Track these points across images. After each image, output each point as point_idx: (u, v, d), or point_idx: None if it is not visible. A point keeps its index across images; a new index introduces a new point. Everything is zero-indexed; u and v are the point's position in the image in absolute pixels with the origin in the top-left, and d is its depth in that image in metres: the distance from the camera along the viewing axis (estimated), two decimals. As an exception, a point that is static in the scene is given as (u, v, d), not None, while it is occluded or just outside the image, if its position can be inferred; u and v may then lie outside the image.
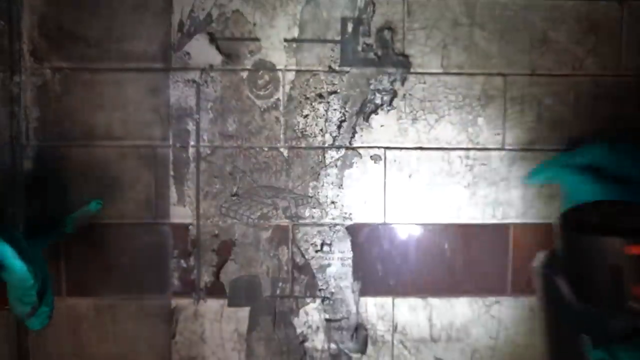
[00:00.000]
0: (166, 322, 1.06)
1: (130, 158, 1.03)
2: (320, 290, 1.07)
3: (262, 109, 1.04)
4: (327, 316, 1.07)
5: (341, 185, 1.05)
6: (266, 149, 1.04)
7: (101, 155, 1.03)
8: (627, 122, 1.07)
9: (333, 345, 1.07)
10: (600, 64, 1.06)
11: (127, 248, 1.04)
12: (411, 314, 1.08)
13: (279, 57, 1.03)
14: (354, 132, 1.05)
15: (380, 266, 1.07)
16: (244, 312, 1.06)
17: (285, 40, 1.03)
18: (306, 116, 1.04)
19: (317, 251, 1.06)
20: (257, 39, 1.03)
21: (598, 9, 1.06)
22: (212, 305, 1.06)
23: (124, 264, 1.04)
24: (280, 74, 1.03)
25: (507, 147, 1.07)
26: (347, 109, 1.05)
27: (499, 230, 1.08)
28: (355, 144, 1.05)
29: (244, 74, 1.03)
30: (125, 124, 1.03)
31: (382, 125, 1.05)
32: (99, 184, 1.03)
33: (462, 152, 1.06)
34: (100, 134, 1.02)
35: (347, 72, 1.04)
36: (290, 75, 1.04)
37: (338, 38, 1.04)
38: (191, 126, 1.03)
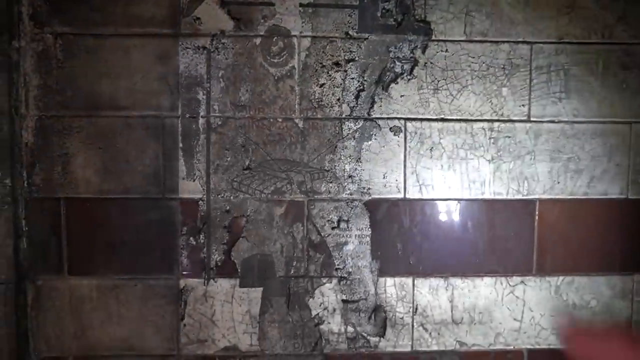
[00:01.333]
0: (174, 304, 1.00)
1: (136, 129, 0.97)
2: (336, 269, 1.01)
3: (276, 78, 0.98)
4: (344, 297, 1.01)
5: (359, 158, 1.00)
6: (280, 120, 0.99)
7: (106, 125, 0.97)
8: (659, 92, 1.02)
9: (350, 328, 1.02)
10: (631, 32, 1.01)
11: (132, 224, 0.98)
12: (432, 295, 1.03)
13: (294, 22, 0.98)
14: (373, 102, 0.99)
15: (400, 244, 1.01)
16: (257, 292, 1.00)
17: (301, 4, 0.98)
18: (322, 85, 0.99)
19: (333, 228, 1.00)
20: (271, 4, 0.97)
21: (628, -26, 1.01)
22: (222, 285, 1.00)
23: (129, 241, 0.98)
24: (295, 40, 0.98)
25: (532, 119, 1.02)
26: (365, 78, 0.99)
27: (524, 206, 1.02)
28: (374, 115, 1.00)
29: (257, 41, 0.98)
30: (132, 93, 0.97)
31: (402, 95, 1.00)
32: (104, 156, 0.97)
33: (485, 124, 1.01)
34: (104, 104, 0.97)
35: (366, 39, 0.99)
36: (306, 42, 0.98)
37: (356, 3, 0.98)
38: (201, 95, 0.98)
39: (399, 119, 1.00)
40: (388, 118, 1.00)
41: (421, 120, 1.00)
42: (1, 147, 0.93)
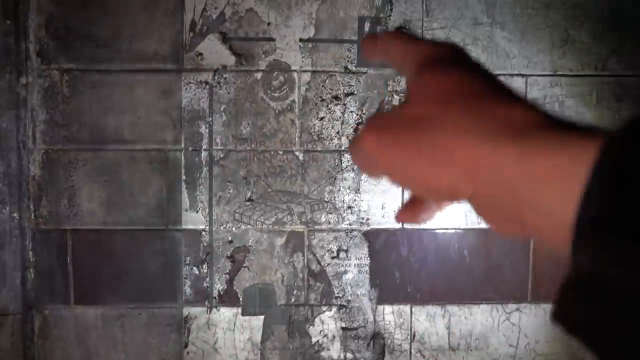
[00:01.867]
0: (178, 332, 1.02)
1: (140, 162, 1.00)
2: (336, 298, 1.03)
3: (276, 111, 1.01)
4: (343, 325, 1.04)
5: (358, 189, 1.02)
6: (281, 153, 1.01)
7: (111, 159, 0.99)
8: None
9: (349, 355, 1.04)
10: (624, 64, 1.04)
11: (137, 255, 1.00)
12: (429, 322, 1.05)
13: (294, 57, 1.00)
14: (371, 135, 1.02)
15: (398, 273, 1.03)
16: (258, 320, 1.03)
17: (301, 40, 1.00)
18: (322, 118, 1.01)
19: (333, 258, 1.03)
20: (271, 39, 1.00)
21: (622, 6, 1.03)
22: (225, 313, 1.02)
23: (134, 271, 1.00)
24: (295, 74, 1.00)
25: (528, 149, 1.04)
26: (364, 111, 1.01)
27: (520, 235, 1.04)
28: (372, 147, 1.02)
29: (258, 75, 1.00)
30: (136, 127, 0.99)
31: (400, 128, 1.02)
32: (109, 189, 0.99)
33: (482, 155, 1.03)
34: (109, 138, 0.99)
35: (364, 73, 1.01)
36: (306, 76, 1.01)
37: (355, 38, 1.01)
38: (204, 129, 1.00)
39: (397, 151, 1.02)
40: (386, 150, 1.02)
41: (419, 152, 1.02)
42: (10, 181, 0.96)
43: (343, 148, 1.02)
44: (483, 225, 1.03)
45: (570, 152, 0.14)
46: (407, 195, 1.00)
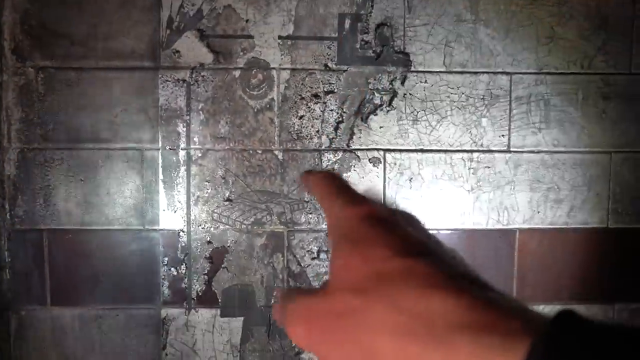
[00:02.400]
0: (156, 333, 1.01)
1: (117, 161, 0.98)
2: (316, 299, 1.02)
3: (255, 110, 0.99)
4: (324, 326, 1.02)
5: (338, 189, 1.00)
6: (260, 152, 0.99)
7: (87, 158, 0.98)
8: (638, 122, 1.02)
9: (330, 357, 1.02)
10: (611, 62, 1.01)
11: (114, 256, 0.99)
12: (412, 323, 1.03)
13: (273, 55, 0.98)
14: (352, 134, 1.00)
15: (379, 274, 1.02)
16: (237, 322, 1.01)
17: (280, 37, 0.98)
18: (302, 117, 0.99)
19: (313, 258, 1.01)
20: (250, 36, 0.98)
21: (608, 4, 1.01)
22: (204, 315, 1.01)
23: (111, 272, 0.99)
24: (274, 72, 0.99)
25: (512, 149, 1.02)
26: (344, 110, 1.00)
27: (504, 235, 1.03)
28: (353, 146, 1.00)
29: (237, 73, 0.98)
30: (112, 126, 0.98)
31: (381, 127, 1.00)
32: (85, 189, 0.98)
33: (465, 155, 1.01)
34: (85, 136, 0.98)
35: (345, 70, 0.99)
36: (285, 74, 0.99)
37: (335, 35, 0.99)
38: (181, 128, 0.99)
39: (378, 150, 1.00)
40: (367, 149, 1.00)
41: (400, 151, 1.01)
42: (-17, 181, 0.94)
43: (323, 147, 1.00)
44: (466, 225, 1.02)
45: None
46: (388, 196, 0.99)
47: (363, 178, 1.00)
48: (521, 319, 0.14)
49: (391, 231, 0.18)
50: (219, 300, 1.01)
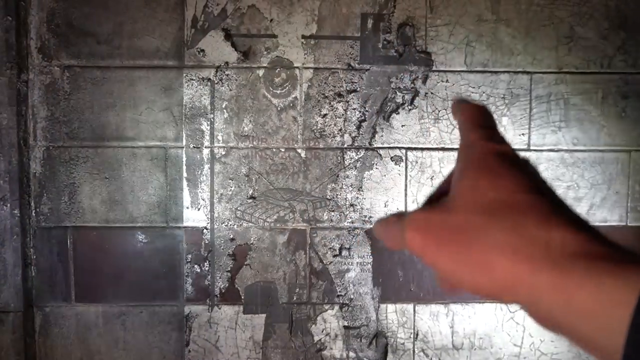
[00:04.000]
0: (179, 330, 1.02)
1: (141, 159, 0.99)
2: (338, 296, 1.03)
3: (279, 108, 1.00)
4: (345, 323, 1.03)
5: (361, 187, 1.01)
6: (283, 150, 1.00)
7: (112, 156, 0.99)
8: (658, 121, 1.04)
9: (352, 354, 1.03)
10: (630, 61, 1.02)
11: (138, 253, 1.00)
12: (433, 321, 1.04)
13: (296, 54, 0.99)
14: (374, 132, 1.01)
15: (400, 271, 1.03)
16: (260, 319, 1.02)
17: (303, 36, 0.99)
18: (324, 116, 1.00)
19: (335, 256, 1.02)
20: (274, 36, 0.99)
21: (628, 4, 1.02)
22: (226, 312, 1.02)
23: (134, 269, 1.00)
24: (297, 71, 1.00)
25: (532, 147, 1.03)
26: (367, 108, 1.01)
27: (524, 234, 1.03)
28: (375, 145, 1.01)
29: (260, 72, 0.99)
30: (137, 124, 0.99)
31: (403, 125, 1.01)
32: (109, 186, 0.99)
33: (486, 153, 1.02)
34: (110, 134, 0.99)
35: (367, 70, 1.00)
36: (308, 73, 1.00)
37: (358, 35, 1.00)
38: (205, 126, 1.00)
39: (400, 148, 1.01)
40: (389, 147, 1.01)
41: (422, 149, 1.02)
42: (11, 178, 0.95)
43: (345, 145, 1.01)
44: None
45: (611, 291, 0.14)
46: (410, 193, 0.99)
47: (385, 176, 1.01)
48: (633, 256, 0.15)
49: (519, 170, 0.20)
50: (242, 297, 1.02)
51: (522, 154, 0.20)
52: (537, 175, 0.21)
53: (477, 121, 0.24)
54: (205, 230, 1.00)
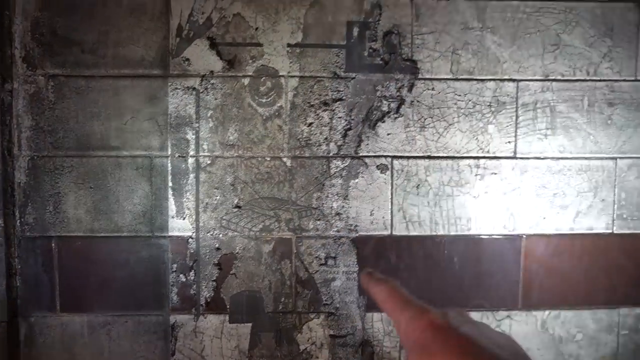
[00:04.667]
0: (165, 339, 1.01)
1: (126, 168, 0.99)
2: (324, 305, 1.02)
3: (264, 117, 1.00)
4: (331, 332, 1.03)
5: (346, 196, 1.01)
6: (268, 159, 1.00)
7: (97, 165, 0.99)
8: (644, 129, 1.03)
9: (338, 362, 1.03)
10: (616, 69, 1.02)
11: (123, 262, 1.00)
12: (419, 329, 1.04)
13: (281, 62, 0.99)
14: (360, 141, 1.01)
15: (387, 280, 1.02)
16: (246, 328, 1.02)
17: (289, 45, 0.99)
18: (310, 124, 1.00)
19: (321, 265, 1.02)
20: (259, 44, 0.99)
21: (614, 11, 1.02)
22: (212, 321, 1.01)
23: (120, 278, 1.00)
24: (283, 80, 0.99)
25: (518, 155, 1.03)
26: (352, 117, 1.00)
27: (510, 241, 1.03)
28: (361, 153, 1.01)
29: (246, 81, 0.99)
30: (122, 133, 0.98)
31: (389, 134, 1.01)
32: (94, 196, 0.99)
33: (471, 161, 1.02)
34: (95, 144, 0.98)
35: (353, 78, 1.00)
36: (294, 82, 0.99)
37: (343, 43, 1.00)
38: (190, 135, 0.99)
39: (385, 156, 1.01)
40: (375, 156, 1.01)
41: (408, 158, 1.01)
42: (-6, 188, 0.95)
43: (331, 154, 1.01)
44: (473, 232, 1.02)
45: None
46: (395, 202, 0.99)
47: (371, 185, 1.01)
48: None
49: (447, 338, 0.24)
50: (228, 307, 1.01)
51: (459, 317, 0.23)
52: (467, 323, 0.26)
53: (396, 305, 0.28)
54: (190, 240, 1.00)
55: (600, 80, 1.02)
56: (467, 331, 0.25)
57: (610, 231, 1.04)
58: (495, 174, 1.03)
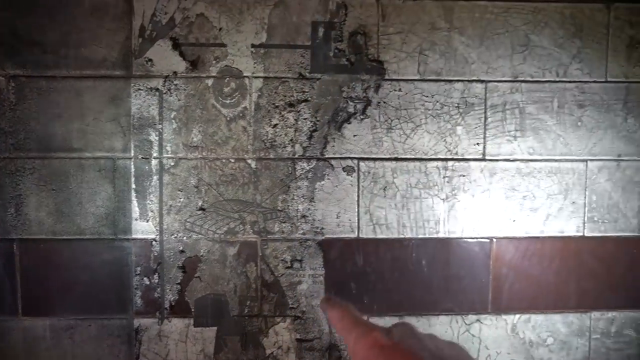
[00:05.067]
0: (128, 343, 1.00)
1: (89, 170, 0.98)
2: (290, 309, 1.01)
3: (228, 119, 0.98)
4: (298, 336, 1.01)
5: (312, 198, 1.00)
6: (233, 161, 0.99)
7: (59, 167, 0.97)
8: (613, 130, 1.02)
9: (305, 367, 1.02)
10: (586, 70, 1.01)
11: (86, 265, 0.98)
12: (387, 333, 1.02)
13: (246, 63, 0.98)
14: (326, 142, 0.99)
15: (353, 283, 1.01)
16: (211, 332, 1.01)
17: (253, 45, 0.98)
18: (275, 126, 0.99)
19: (287, 268, 1.00)
20: (223, 45, 0.98)
21: (583, 12, 1.00)
22: (177, 325, 1.00)
23: (83, 282, 0.98)
24: (247, 81, 0.98)
25: (487, 157, 1.01)
26: (318, 118, 0.99)
27: (479, 244, 1.02)
28: (327, 155, 1.00)
29: (209, 82, 0.98)
30: (84, 135, 0.97)
31: (355, 135, 1.00)
32: (57, 198, 0.97)
33: (440, 163, 1.01)
34: (57, 145, 0.97)
35: (318, 79, 0.99)
36: (258, 83, 0.98)
37: (308, 43, 0.98)
38: (154, 137, 0.98)
39: (352, 158, 1.00)
40: (341, 158, 1.00)
41: (374, 159, 1.00)
42: (-48, 191, 0.94)
43: (297, 156, 0.99)
44: (441, 234, 1.01)
45: None
46: (362, 204, 0.98)
47: (337, 187, 1.00)
48: None
49: (390, 355, 0.27)
50: (192, 310, 1.00)
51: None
52: (412, 339, 0.28)
53: (344, 325, 0.31)
54: (154, 242, 0.99)
55: (570, 82, 1.01)
56: (410, 347, 0.27)
57: (581, 234, 1.03)
58: (464, 176, 1.01)
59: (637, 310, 1.05)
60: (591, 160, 1.02)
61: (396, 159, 1.00)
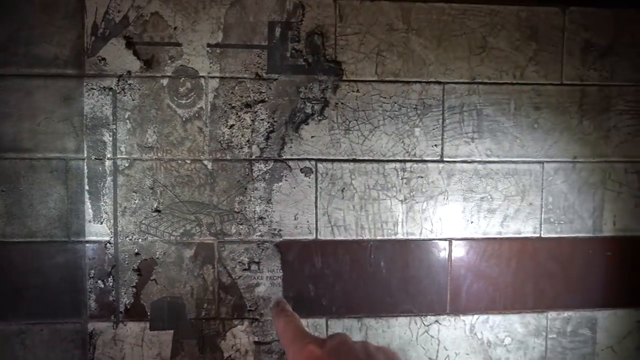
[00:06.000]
0: (82, 348, 0.98)
1: (40, 171, 0.95)
2: (248, 311, 1.00)
3: (184, 119, 0.97)
4: (256, 339, 1.01)
5: (270, 199, 0.99)
6: (189, 162, 0.97)
7: (9, 168, 0.95)
8: (569, 132, 1.03)
9: (263, 369, 1.01)
10: (542, 73, 1.02)
11: (38, 269, 0.96)
12: (346, 335, 1.02)
13: (201, 63, 0.97)
14: (284, 144, 0.99)
15: (312, 285, 1.01)
16: (167, 335, 0.99)
17: (209, 45, 0.97)
18: (232, 126, 0.98)
19: (244, 270, 0.99)
20: (178, 44, 0.96)
21: (539, 15, 1.01)
22: (132, 328, 0.99)
23: (34, 285, 0.96)
24: (203, 81, 0.97)
25: (445, 159, 1.02)
26: (275, 119, 0.98)
27: (437, 246, 1.02)
28: (284, 156, 0.99)
29: (164, 82, 0.96)
30: (35, 135, 0.95)
31: (313, 136, 0.99)
32: (7, 200, 0.95)
33: (398, 165, 1.01)
34: (7, 146, 0.95)
35: (275, 79, 0.98)
36: (214, 83, 0.97)
37: (265, 43, 0.97)
38: (107, 137, 0.96)
39: (309, 159, 0.99)
40: (299, 159, 0.99)
41: (332, 161, 1.00)
42: None
43: (254, 157, 0.98)
44: (399, 236, 1.01)
45: None
46: (320, 206, 0.97)
47: (295, 188, 0.99)
48: None
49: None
50: (148, 314, 0.99)
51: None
52: (349, 349, 0.30)
53: (288, 335, 0.32)
54: (108, 245, 0.97)
55: (526, 84, 1.02)
56: (341, 356, 0.27)
57: (537, 235, 1.04)
58: (422, 177, 1.01)
59: (592, 310, 1.06)
60: (547, 162, 1.03)
61: (354, 161, 1.00)
